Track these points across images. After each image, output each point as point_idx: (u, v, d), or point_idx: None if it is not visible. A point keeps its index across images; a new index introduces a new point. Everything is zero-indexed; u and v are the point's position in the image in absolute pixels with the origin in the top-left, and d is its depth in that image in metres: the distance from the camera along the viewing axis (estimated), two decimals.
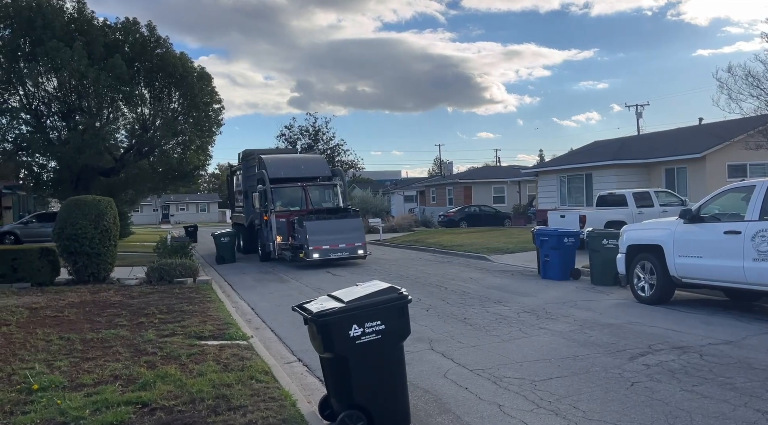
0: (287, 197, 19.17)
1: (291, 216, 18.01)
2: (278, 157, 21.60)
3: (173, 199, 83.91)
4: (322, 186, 20.07)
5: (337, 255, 16.55)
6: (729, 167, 22.99)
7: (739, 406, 4.84)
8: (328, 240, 16.34)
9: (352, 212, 18.33)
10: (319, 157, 22.15)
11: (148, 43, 26.27)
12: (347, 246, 16.63)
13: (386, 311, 4.50)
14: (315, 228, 16.41)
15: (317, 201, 19.43)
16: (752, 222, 7.88)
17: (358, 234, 17.00)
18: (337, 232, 16.57)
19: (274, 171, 19.14)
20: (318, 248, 16.25)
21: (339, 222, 17.13)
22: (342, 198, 19.94)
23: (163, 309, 9.49)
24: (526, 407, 5.04)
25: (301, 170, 19.88)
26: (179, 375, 5.63)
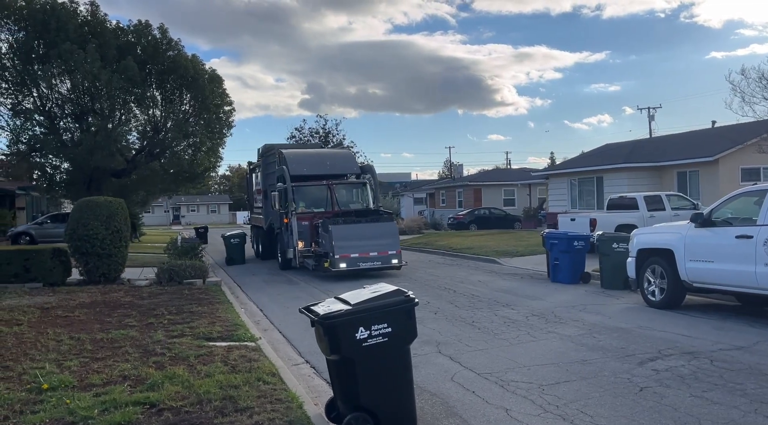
0: (310, 197, 16.93)
1: (315, 219, 15.95)
2: (301, 151, 19.38)
3: (184, 201, 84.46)
4: (350, 184, 17.77)
5: (368, 264, 14.36)
6: (742, 171, 22.77)
7: (749, 412, 4.78)
8: (357, 247, 14.21)
9: (386, 215, 16.05)
10: (347, 151, 19.44)
11: (160, 45, 26.48)
12: (379, 254, 14.41)
13: (393, 314, 4.50)
14: (342, 233, 14.34)
15: (344, 201, 17.17)
16: (765, 226, 7.79)
17: (391, 241, 14.73)
18: (368, 238, 14.38)
19: (295, 167, 16.92)
20: (345, 256, 14.12)
21: (370, 227, 14.82)
22: (373, 198, 17.53)
23: (172, 310, 9.55)
24: (534, 411, 5.01)
25: (327, 166, 17.61)
26: (187, 376, 5.66)
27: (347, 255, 14.15)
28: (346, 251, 14.14)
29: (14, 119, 25.05)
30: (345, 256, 14.13)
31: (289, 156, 17.44)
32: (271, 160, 19.57)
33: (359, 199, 17.71)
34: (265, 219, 19.82)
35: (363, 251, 14.29)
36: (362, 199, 17.65)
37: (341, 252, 14.12)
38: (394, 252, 14.57)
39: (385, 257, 14.47)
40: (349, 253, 14.15)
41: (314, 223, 15.87)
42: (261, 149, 21.27)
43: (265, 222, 19.83)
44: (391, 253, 14.54)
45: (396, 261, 14.61)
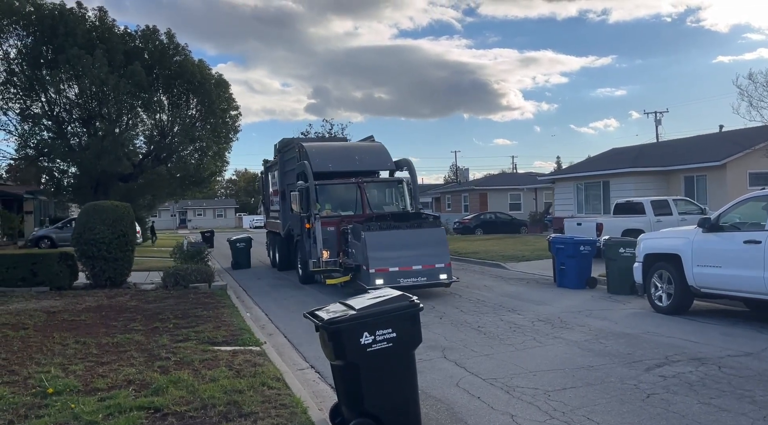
0: (337, 197, 14.46)
1: (342, 224, 13.42)
2: (325, 145, 17.14)
3: (191, 205, 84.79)
4: (383, 183, 15.18)
5: (410, 281, 11.37)
6: (750, 175, 22.64)
7: (757, 419, 4.73)
8: (397, 259, 11.49)
9: (431, 219, 13.14)
10: (379, 144, 16.13)
11: (167, 50, 26.68)
12: (424, 268, 11.57)
13: (398, 319, 4.48)
14: (378, 241, 11.63)
15: (377, 203, 14.62)
16: None
17: (439, 251, 11.90)
18: (410, 248, 11.71)
19: (319, 163, 14.49)
20: (382, 271, 11.35)
21: (412, 234, 12.00)
22: (411, 199, 14.85)
23: (177, 314, 9.56)
24: (539, 418, 4.97)
25: (355, 162, 15.05)
26: (192, 381, 5.65)
27: (385, 269, 11.37)
28: (383, 264, 11.42)
29: (22, 124, 25.30)
30: (382, 271, 11.34)
31: (311, 150, 14.97)
32: (289, 156, 16.87)
33: (394, 199, 15.05)
34: (283, 224, 17.35)
35: (404, 264, 11.48)
36: (398, 200, 14.96)
37: (377, 265, 11.38)
38: (443, 265, 11.69)
39: (432, 271, 11.60)
40: (386, 267, 11.39)
41: (343, 229, 13.31)
42: (278, 144, 18.47)
43: (283, 227, 17.34)
44: (439, 267, 11.66)
45: (445, 276, 11.68)
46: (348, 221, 13.34)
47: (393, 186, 15.16)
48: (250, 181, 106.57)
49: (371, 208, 14.10)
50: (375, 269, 11.38)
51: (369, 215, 13.26)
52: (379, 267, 11.40)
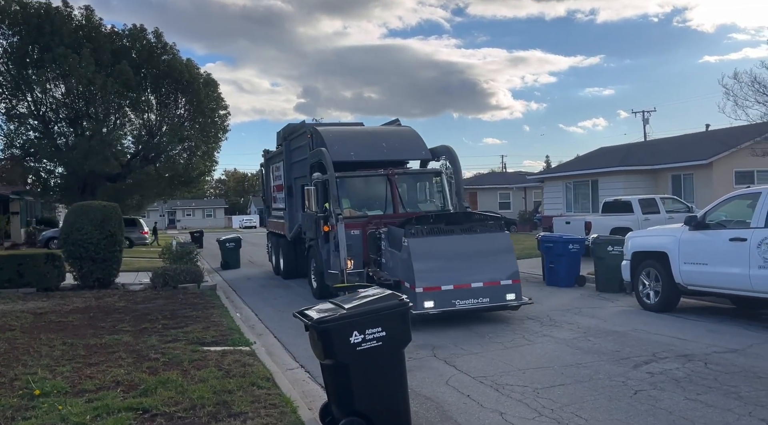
0: (361, 193, 11.89)
1: (369, 226, 10.79)
2: (343, 129, 13.85)
3: (180, 205, 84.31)
4: (419, 175, 12.54)
5: (469, 303, 8.72)
6: (736, 174, 22.87)
7: (743, 415, 4.79)
8: (450, 274, 8.79)
9: (491, 220, 9.89)
10: (409, 129, 13.48)
11: (155, 49, 26.52)
12: (486, 285, 8.82)
13: (387, 317, 4.48)
14: (426, 250, 8.93)
15: (410, 200, 12.05)
16: (758, 229, 7.82)
17: (505, 263, 9.15)
18: (467, 259, 9.02)
19: (338, 150, 11.80)
20: (433, 290, 8.60)
21: (469, 241, 9.19)
22: (453, 195, 12.07)
23: (166, 315, 9.51)
24: (528, 415, 5.00)
25: (383, 149, 12.36)
26: (181, 381, 5.63)
27: (435, 287, 8.61)
28: (433, 281, 8.63)
29: (8, 124, 25.09)
30: (432, 289, 8.59)
31: (328, 135, 12.30)
32: (298, 144, 14.08)
33: (429, 195, 12.48)
34: (289, 225, 14.69)
35: (460, 281, 8.71)
36: (436, 197, 12.35)
37: (426, 283, 8.59)
38: (509, 282, 8.93)
39: (496, 290, 8.85)
40: (438, 284, 8.62)
41: (369, 233, 10.68)
42: (282, 132, 15.52)
43: (289, 229, 14.67)
44: (505, 284, 8.91)
45: (513, 296, 8.93)
46: (376, 223, 10.79)
47: (428, 178, 12.47)
48: (240, 181, 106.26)
49: (404, 205, 11.62)
50: (423, 288, 8.52)
51: (406, 215, 10.66)
52: (428, 284, 8.57)
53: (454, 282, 8.73)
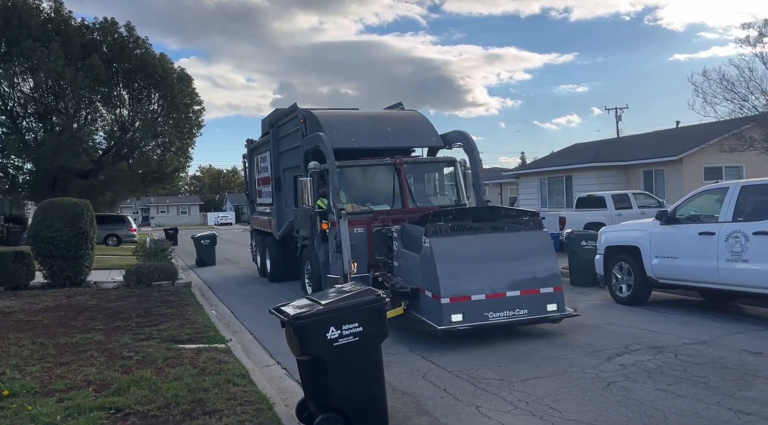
0: (366, 186, 10.43)
1: (375, 223, 9.30)
2: (342, 113, 12.27)
3: (153, 202, 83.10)
4: (430, 165, 11.17)
5: (504, 316, 7.28)
6: (705, 169, 23.36)
7: (712, 405, 4.90)
8: (482, 281, 7.32)
9: (526, 216, 8.31)
10: (416, 113, 12.13)
11: (127, 43, 26.06)
12: (523, 294, 7.40)
13: (364, 313, 4.48)
14: (452, 252, 7.43)
15: (420, 193, 10.56)
16: (726, 223, 8.01)
17: (545, 268, 7.69)
18: (500, 263, 7.55)
19: (338, 136, 10.32)
20: (462, 300, 7.15)
21: (502, 241, 7.73)
22: (470, 188, 10.72)
23: (140, 313, 9.36)
24: (504, 408, 5.05)
25: (388, 135, 10.91)
26: (155, 380, 5.55)
27: (464, 297, 7.15)
28: (461, 289, 7.18)
29: None
30: (460, 300, 7.13)
31: (325, 119, 10.82)
32: (288, 131, 12.50)
33: (443, 188, 11.14)
34: (277, 222, 13.35)
35: (493, 289, 7.30)
36: (449, 189, 11.08)
37: (453, 292, 7.13)
38: (551, 290, 7.53)
39: (535, 300, 7.42)
40: (468, 294, 7.17)
41: (375, 230, 9.18)
42: (268, 118, 13.97)
43: (278, 226, 13.31)
44: (546, 292, 7.49)
45: (554, 307, 7.51)
46: (383, 219, 9.36)
47: (441, 169, 11.14)
48: (215, 178, 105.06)
49: (414, 199, 10.11)
50: (450, 298, 7.05)
51: (417, 210, 9.39)
52: (456, 294, 7.11)
53: (487, 291, 7.23)
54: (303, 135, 11.17)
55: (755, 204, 7.93)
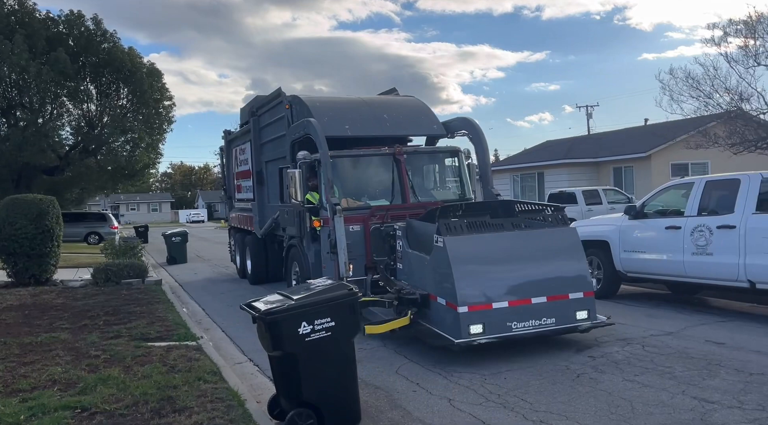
0: (361, 178, 9.45)
1: (372, 220, 8.42)
2: (333, 98, 11.15)
3: (123, 199, 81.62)
4: (432, 155, 10.22)
5: (529, 327, 6.38)
6: (672, 166, 23.92)
7: (677, 394, 5.02)
8: (503, 285, 6.46)
9: (553, 212, 7.36)
10: (415, 99, 11.19)
11: (94, 37, 25.46)
12: (550, 300, 6.48)
13: (336, 308, 4.47)
14: (469, 252, 6.51)
15: (421, 187, 9.57)
16: (691, 217, 8.20)
17: (573, 270, 6.77)
18: (523, 264, 6.65)
19: (330, 123, 9.34)
20: (482, 308, 6.23)
21: (523, 238, 6.89)
22: (476, 181, 9.96)
23: (108, 311, 9.18)
24: (476, 401, 5.10)
25: (384, 123, 9.95)
26: (123, 378, 5.45)
27: (485, 305, 6.24)
28: (481, 296, 6.28)
29: None
30: (480, 308, 6.21)
31: (314, 104, 9.87)
32: (271, 119, 11.48)
33: (448, 181, 10.31)
34: (259, 219, 12.30)
35: (517, 295, 6.41)
36: (455, 182, 10.11)
37: (472, 299, 6.21)
38: (580, 296, 6.61)
39: (563, 307, 6.50)
40: (489, 301, 6.28)
41: (374, 228, 8.35)
42: (248, 106, 12.88)
43: (259, 223, 12.27)
44: (575, 298, 6.57)
45: (585, 315, 6.60)
46: (381, 215, 8.43)
47: (444, 159, 10.16)
48: (187, 174, 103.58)
49: (416, 193, 9.17)
50: (469, 306, 6.14)
51: (420, 206, 8.60)
52: (475, 301, 6.19)
53: (510, 298, 6.33)
54: (289, 122, 10.17)
55: (719, 198, 8.14)
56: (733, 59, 14.85)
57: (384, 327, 6.69)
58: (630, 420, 4.53)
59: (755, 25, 14.47)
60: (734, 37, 15.03)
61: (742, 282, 7.52)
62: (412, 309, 6.76)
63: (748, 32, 14.67)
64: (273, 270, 12.28)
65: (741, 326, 7.39)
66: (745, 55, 14.64)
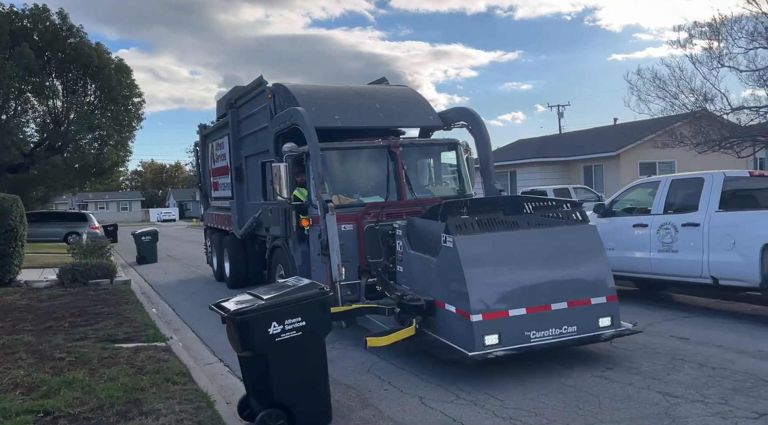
0: (353, 173, 8.70)
1: (367, 218, 7.72)
2: (322, 87, 9.96)
3: (92, 197, 79.89)
4: (428, 148, 9.44)
5: (549, 337, 5.74)
6: (641, 165, 24.41)
7: (642, 389, 5.12)
8: (520, 291, 5.80)
9: (568, 207, 6.79)
10: (408, 89, 10.58)
11: (60, 31, 24.87)
12: (570, 306, 5.87)
13: (307, 307, 4.45)
14: (481, 253, 5.87)
15: (418, 182, 8.91)
16: (657, 215, 8.38)
17: (594, 272, 6.24)
18: (540, 265, 5.99)
19: (318, 113, 8.57)
20: (497, 316, 5.60)
21: (540, 237, 6.26)
22: (474, 174, 9.60)
23: (74, 312, 8.98)
24: (447, 398, 5.12)
25: (377, 113, 9.18)
26: (88, 381, 5.34)
27: (501, 312, 5.65)
28: (496, 302, 5.68)
29: None
30: (496, 315, 5.62)
31: (300, 92, 9.10)
32: (252, 110, 10.71)
33: (446, 176, 9.61)
34: (239, 218, 11.46)
35: (535, 301, 5.79)
36: (453, 177, 9.48)
37: (486, 306, 5.61)
38: (603, 301, 6.05)
39: (585, 313, 5.93)
40: (505, 308, 5.68)
41: (369, 227, 7.65)
42: (226, 98, 12.14)
43: (239, 223, 11.43)
44: (597, 303, 6.01)
45: (608, 320, 6.03)
46: (376, 213, 7.75)
47: (439, 153, 9.45)
48: (158, 173, 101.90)
49: (412, 189, 8.44)
50: (483, 314, 5.53)
51: (418, 202, 7.98)
52: (490, 309, 5.59)
53: (527, 304, 5.71)
54: (272, 113, 9.39)
55: (684, 197, 8.34)
56: (698, 61, 15.22)
57: (388, 338, 5.90)
58: (597, 415, 4.61)
59: (719, 27, 14.86)
60: (699, 39, 15.43)
61: (706, 278, 7.71)
62: (417, 318, 6.05)
63: (712, 34, 15.05)
64: (253, 273, 11.51)
65: (704, 321, 7.58)
66: (709, 57, 15.03)
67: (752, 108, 15.04)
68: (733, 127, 15.30)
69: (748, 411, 4.58)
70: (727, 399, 4.83)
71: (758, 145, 15.34)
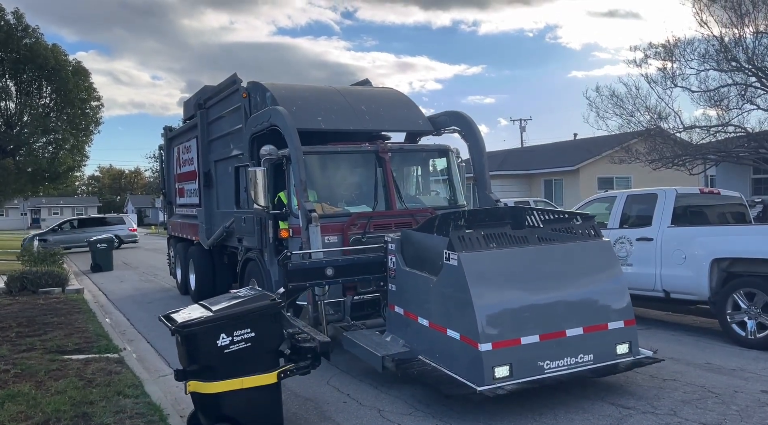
0: (338, 180, 8.05)
1: (353, 230, 7.16)
2: (302, 86, 9.13)
3: (45, 203, 77.28)
4: (419, 154, 8.89)
5: (564, 367, 5.07)
6: (599, 179, 25.05)
7: (596, 401, 5.22)
8: (532, 315, 5.11)
9: (579, 221, 5.91)
10: (395, 91, 9.92)
11: (15, 31, 24.06)
12: (586, 332, 5.22)
13: (257, 318, 4.38)
14: (489, 272, 5.15)
15: (408, 191, 8.49)
16: (613, 229, 8.59)
17: (610, 288, 5.57)
18: (551, 285, 5.31)
19: (300, 114, 7.91)
20: (508, 345, 4.90)
21: (551, 254, 5.48)
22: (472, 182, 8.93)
23: (22, 322, 8.64)
24: (405, 411, 5.12)
25: (363, 116, 8.49)
26: (34, 394, 5.14)
27: (512, 341, 4.96)
28: (506, 329, 4.98)
29: None
30: (507, 344, 4.93)
31: (279, 91, 8.34)
32: (223, 111, 9.86)
33: (436, 184, 9.11)
34: (206, 227, 10.56)
35: (549, 327, 5.14)
36: (444, 186, 8.94)
37: (496, 334, 4.91)
38: (621, 325, 5.46)
39: (602, 339, 5.34)
40: (517, 335, 4.99)
41: (355, 240, 7.10)
42: (194, 98, 11.32)
43: (206, 232, 10.53)
44: (615, 328, 5.42)
45: (626, 347, 5.43)
46: (363, 224, 7.19)
47: (432, 159, 8.91)
48: (116, 178, 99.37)
49: (401, 198, 7.79)
50: (493, 342, 4.87)
51: (408, 212, 7.51)
52: (500, 337, 4.92)
53: (541, 330, 5.07)
54: (247, 114, 8.66)
55: (638, 212, 8.58)
56: (653, 80, 15.73)
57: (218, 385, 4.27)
58: None
59: (673, 49, 15.40)
60: (654, 60, 15.95)
61: (658, 291, 7.94)
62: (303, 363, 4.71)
63: (666, 55, 15.59)
64: (221, 287, 10.09)
65: (656, 333, 7.79)
66: (663, 77, 15.55)
67: (703, 127, 15.62)
68: (685, 145, 15.85)
69: (696, 422, 4.71)
70: (677, 410, 4.95)
71: (709, 162, 15.92)
